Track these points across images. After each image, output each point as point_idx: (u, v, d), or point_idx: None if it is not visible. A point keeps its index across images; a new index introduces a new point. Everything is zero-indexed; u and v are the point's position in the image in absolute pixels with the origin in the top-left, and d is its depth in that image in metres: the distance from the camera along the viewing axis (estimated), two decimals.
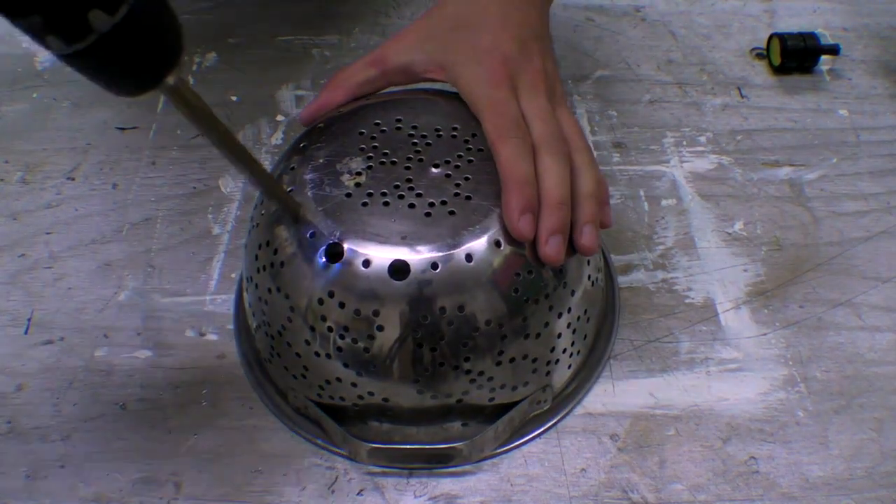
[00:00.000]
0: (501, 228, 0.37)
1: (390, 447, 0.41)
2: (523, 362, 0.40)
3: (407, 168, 0.39)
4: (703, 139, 0.59)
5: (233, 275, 0.50)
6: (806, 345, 0.47)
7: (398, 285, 0.36)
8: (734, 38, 0.67)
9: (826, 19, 0.69)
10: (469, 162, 0.40)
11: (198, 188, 0.55)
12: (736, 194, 0.55)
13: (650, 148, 0.58)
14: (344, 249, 0.37)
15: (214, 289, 0.49)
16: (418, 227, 0.37)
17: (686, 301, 0.49)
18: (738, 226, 0.53)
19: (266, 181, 0.37)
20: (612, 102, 0.62)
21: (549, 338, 0.40)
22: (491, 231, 0.37)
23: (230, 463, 0.42)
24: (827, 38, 0.66)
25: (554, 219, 0.38)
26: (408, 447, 0.41)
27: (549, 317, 0.39)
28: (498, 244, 0.37)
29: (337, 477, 0.41)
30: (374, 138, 0.41)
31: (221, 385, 0.45)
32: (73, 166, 0.57)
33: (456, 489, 0.41)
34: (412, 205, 0.38)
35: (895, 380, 0.45)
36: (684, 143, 0.59)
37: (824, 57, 0.63)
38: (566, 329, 0.41)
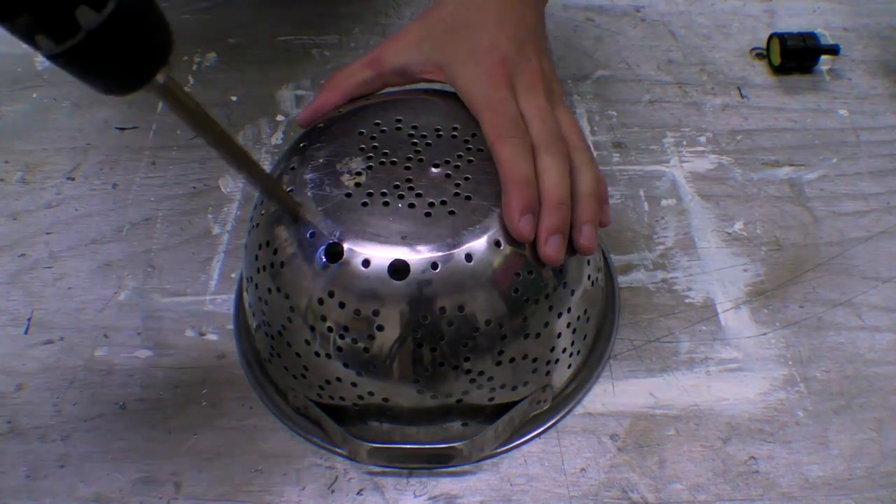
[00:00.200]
0: (501, 228, 0.37)
1: (390, 447, 0.41)
2: (523, 362, 0.40)
3: (407, 168, 0.39)
4: (703, 139, 0.59)
5: (233, 275, 0.50)
6: (806, 345, 0.47)
7: (398, 285, 0.36)
8: (734, 38, 0.67)
9: (826, 19, 0.69)
10: (469, 162, 0.40)
11: (198, 188, 0.55)
12: (736, 194, 0.55)
13: (650, 148, 0.58)
14: (344, 249, 0.37)
15: (214, 289, 0.49)
16: (418, 227, 0.37)
17: (686, 301, 0.49)
18: (738, 226, 0.53)
19: (264, 180, 0.37)
20: (612, 102, 0.62)
21: (549, 338, 0.40)
22: (491, 231, 0.37)
23: (230, 463, 0.42)
24: (827, 38, 0.66)
25: (554, 218, 0.38)
26: (408, 447, 0.41)
27: (549, 317, 0.39)
28: (498, 244, 0.37)
29: (337, 477, 0.41)
30: (374, 138, 0.41)
31: (221, 385, 0.45)
32: (73, 166, 0.57)
33: (456, 489, 0.41)
34: (412, 205, 0.38)
35: (895, 380, 0.45)
36: (684, 143, 0.59)
37: (824, 57, 0.63)
38: (566, 329, 0.41)
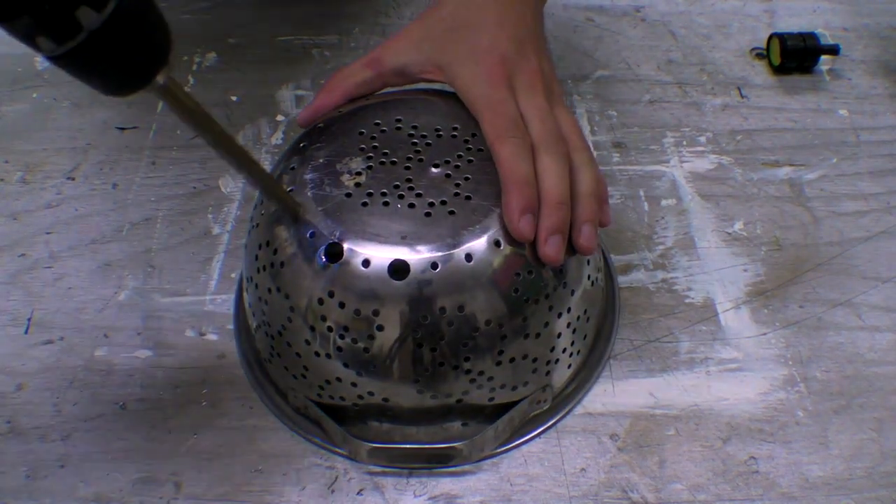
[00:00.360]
0: (501, 228, 0.37)
1: (390, 447, 0.41)
2: (523, 362, 0.40)
3: (407, 168, 0.39)
4: (703, 139, 0.59)
5: (233, 275, 0.50)
6: (806, 345, 0.47)
7: (398, 285, 0.36)
8: (734, 38, 0.67)
9: (826, 19, 0.69)
10: (469, 162, 0.40)
11: (198, 188, 0.55)
12: (736, 194, 0.55)
13: (650, 148, 0.58)
14: (344, 249, 0.37)
15: (214, 289, 0.49)
16: (418, 227, 0.37)
17: (686, 301, 0.49)
18: (738, 226, 0.53)
19: (264, 180, 0.37)
20: (612, 102, 0.62)
21: (549, 338, 0.40)
22: (491, 231, 0.37)
23: (230, 463, 0.42)
24: (827, 38, 0.66)
25: (554, 218, 0.38)
26: (408, 447, 0.41)
27: (549, 317, 0.39)
28: (498, 244, 0.37)
29: (337, 477, 0.41)
30: (374, 138, 0.41)
31: (221, 385, 0.45)
32: (73, 166, 0.57)
33: (456, 489, 0.41)
34: (412, 205, 0.38)
35: (895, 380, 0.45)
36: (684, 143, 0.59)
37: (824, 57, 0.63)
38: (566, 329, 0.41)
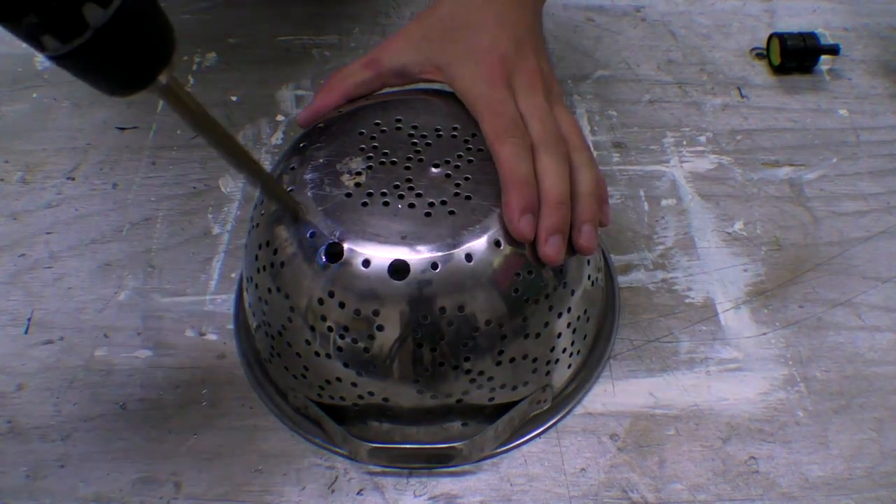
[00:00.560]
0: (501, 228, 0.37)
1: (390, 447, 0.41)
2: (523, 362, 0.40)
3: (407, 168, 0.39)
4: (703, 139, 0.59)
5: (233, 275, 0.50)
6: (806, 345, 0.47)
7: (398, 285, 0.36)
8: (734, 38, 0.67)
9: (826, 19, 0.69)
10: (469, 162, 0.40)
11: (198, 188, 0.55)
12: (736, 194, 0.55)
13: (650, 148, 0.58)
14: (344, 249, 0.37)
15: (214, 289, 0.49)
16: (418, 227, 0.37)
17: (686, 301, 0.49)
18: (738, 226, 0.53)
19: (264, 180, 0.37)
20: (612, 102, 0.62)
21: (549, 338, 0.40)
22: (491, 231, 0.37)
23: (230, 463, 0.42)
24: (827, 38, 0.66)
25: (554, 218, 0.38)
26: (408, 447, 0.41)
27: (549, 317, 0.39)
28: (498, 244, 0.37)
29: (337, 477, 0.41)
30: (374, 138, 0.41)
31: (221, 385, 0.45)
32: (73, 166, 0.57)
33: (456, 489, 0.41)
34: (412, 205, 0.38)
35: (895, 380, 0.45)
36: (684, 143, 0.59)
37: (824, 57, 0.63)
38: (566, 329, 0.41)
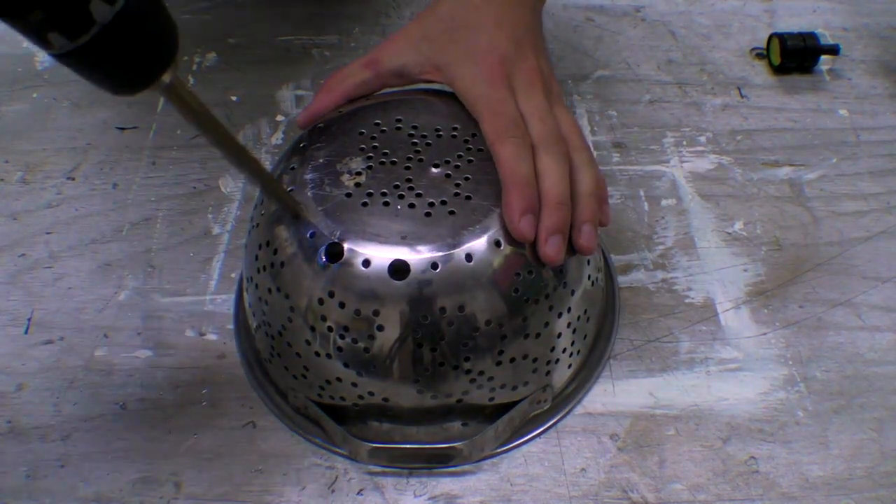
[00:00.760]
0: (501, 228, 0.37)
1: (390, 447, 0.41)
2: (523, 362, 0.40)
3: (407, 168, 0.39)
4: (703, 139, 0.59)
5: (233, 275, 0.50)
6: (806, 345, 0.47)
7: (398, 285, 0.36)
8: (734, 38, 0.67)
9: (826, 19, 0.69)
10: (469, 162, 0.40)
11: (198, 188, 0.55)
12: (736, 194, 0.55)
13: (650, 148, 0.58)
14: (344, 249, 0.37)
15: (214, 289, 0.49)
16: (418, 227, 0.37)
17: (686, 301, 0.49)
18: (738, 226, 0.53)
19: (265, 180, 0.37)
20: (612, 102, 0.62)
21: (549, 338, 0.40)
22: (491, 231, 0.37)
23: (230, 463, 0.42)
24: (827, 38, 0.66)
25: (554, 218, 0.38)
26: (408, 447, 0.41)
27: (549, 317, 0.39)
28: (498, 244, 0.37)
29: (337, 476, 0.41)
30: (374, 138, 0.41)
31: (221, 385, 0.45)
32: (73, 166, 0.57)
33: (456, 489, 0.41)
34: (412, 205, 0.38)
35: (895, 380, 0.45)
36: (684, 143, 0.59)
37: (824, 57, 0.63)
38: (566, 329, 0.41)
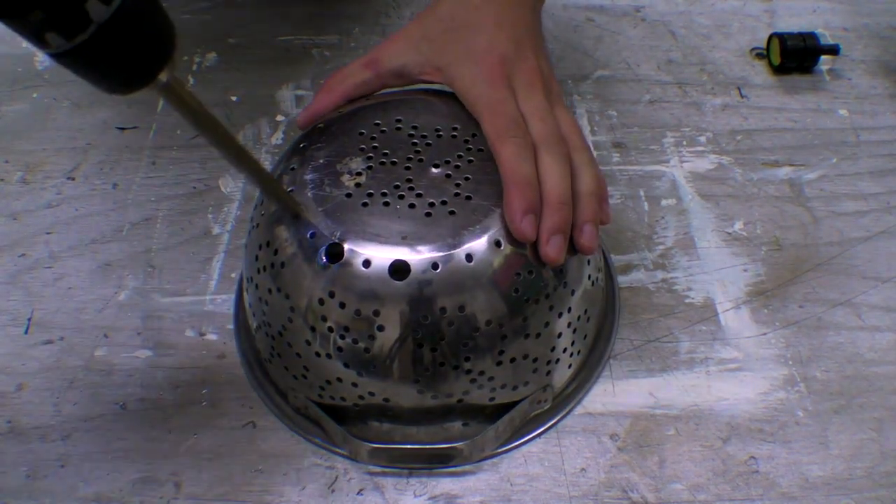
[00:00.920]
0: (502, 228, 0.37)
1: (391, 447, 0.41)
2: (524, 362, 0.40)
3: (407, 168, 0.39)
4: (703, 139, 0.59)
5: (233, 275, 0.50)
6: (806, 345, 0.47)
7: (398, 285, 0.36)
8: (734, 38, 0.67)
9: (826, 19, 0.69)
10: (469, 162, 0.40)
11: (198, 188, 0.55)
12: (736, 194, 0.55)
13: (650, 148, 0.58)
14: (344, 249, 0.37)
15: (214, 289, 0.49)
16: (418, 227, 0.37)
17: (686, 301, 0.49)
18: (738, 226, 0.53)
19: (264, 179, 0.37)
20: (612, 102, 0.62)
21: (550, 337, 0.40)
22: (491, 231, 0.37)
23: (230, 463, 0.42)
24: (827, 38, 0.66)
25: (556, 218, 0.38)
26: (408, 447, 0.41)
27: (550, 316, 0.39)
28: (498, 244, 0.37)
29: (337, 476, 0.41)
30: (374, 138, 0.41)
31: (221, 385, 0.45)
32: (73, 166, 0.57)
33: (456, 489, 0.41)
34: (412, 205, 0.38)
35: (895, 380, 0.45)
36: (684, 143, 0.59)
37: (824, 57, 0.63)
38: (566, 329, 0.41)
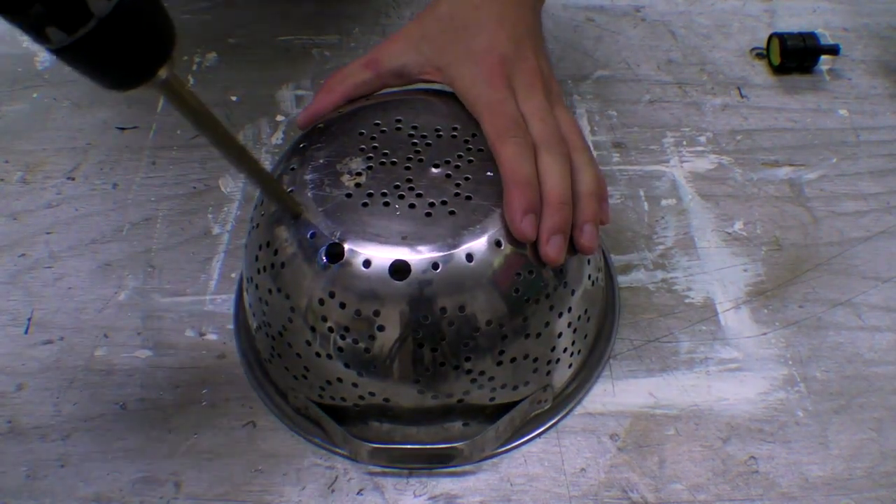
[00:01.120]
0: (502, 228, 0.37)
1: (391, 447, 0.41)
2: (524, 362, 0.40)
3: (407, 168, 0.39)
4: (703, 139, 0.59)
5: (233, 275, 0.50)
6: (806, 345, 0.47)
7: (399, 285, 0.36)
8: (734, 38, 0.67)
9: (826, 19, 0.69)
10: (469, 162, 0.40)
11: (198, 188, 0.55)
12: (736, 194, 0.55)
13: (650, 148, 0.58)
14: (344, 250, 0.37)
15: (214, 289, 0.49)
16: (418, 228, 0.37)
17: (686, 301, 0.49)
18: (738, 226, 0.53)
19: (264, 179, 0.37)
20: (612, 102, 0.62)
21: (550, 337, 0.40)
22: (491, 231, 0.37)
23: (230, 463, 0.42)
24: (827, 38, 0.66)
25: (556, 218, 0.38)
26: (408, 447, 0.41)
27: (550, 316, 0.39)
28: (498, 244, 0.37)
29: (337, 476, 0.41)
30: (374, 139, 0.41)
31: (221, 385, 0.45)
32: (73, 166, 0.57)
33: (456, 489, 0.41)
34: (412, 205, 0.38)
35: (895, 380, 0.45)
36: (684, 143, 0.59)
37: (824, 57, 0.63)
38: (567, 329, 0.41)
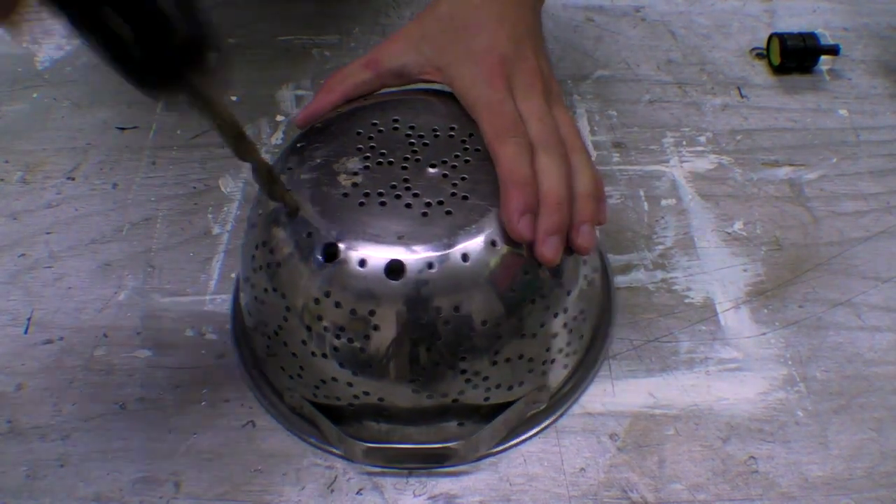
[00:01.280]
0: (498, 228, 0.37)
1: (386, 447, 0.41)
2: (519, 362, 0.40)
3: (404, 168, 0.39)
4: (703, 139, 0.59)
5: (232, 275, 0.50)
6: (806, 345, 0.47)
7: (394, 285, 0.36)
8: (734, 38, 0.67)
9: (826, 19, 0.69)
10: (466, 162, 0.40)
11: (198, 188, 0.55)
12: (736, 194, 0.55)
13: (650, 148, 0.58)
14: (340, 249, 0.37)
15: (214, 289, 0.49)
16: (415, 227, 0.37)
17: (685, 301, 0.49)
18: (738, 226, 0.53)
19: (261, 167, 0.36)
20: (612, 102, 0.62)
21: (545, 337, 0.40)
22: (487, 231, 0.37)
23: (230, 463, 0.42)
24: (827, 38, 0.66)
25: (553, 219, 0.38)
26: (404, 447, 0.41)
27: (546, 317, 0.39)
28: (494, 244, 0.37)
29: (336, 476, 0.41)
30: (372, 138, 0.41)
31: (221, 385, 0.45)
32: (73, 166, 0.57)
33: (455, 489, 0.41)
34: (409, 205, 0.38)
35: (895, 380, 0.45)
36: (684, 143, 0.59)
37: (824, 57, 0.63)
38: (562, 329, 0.41)
